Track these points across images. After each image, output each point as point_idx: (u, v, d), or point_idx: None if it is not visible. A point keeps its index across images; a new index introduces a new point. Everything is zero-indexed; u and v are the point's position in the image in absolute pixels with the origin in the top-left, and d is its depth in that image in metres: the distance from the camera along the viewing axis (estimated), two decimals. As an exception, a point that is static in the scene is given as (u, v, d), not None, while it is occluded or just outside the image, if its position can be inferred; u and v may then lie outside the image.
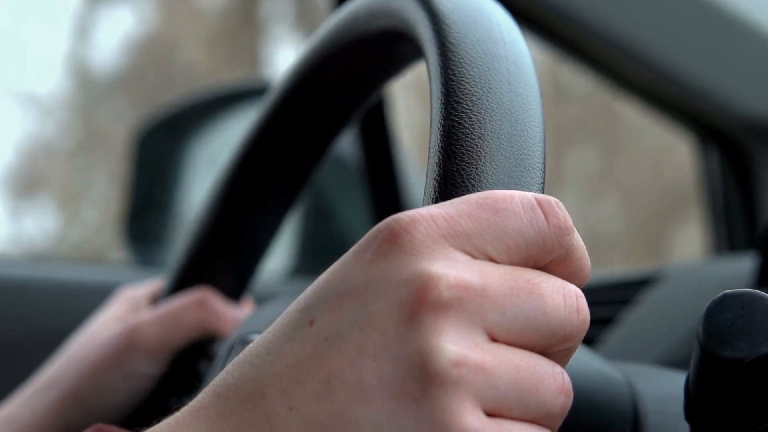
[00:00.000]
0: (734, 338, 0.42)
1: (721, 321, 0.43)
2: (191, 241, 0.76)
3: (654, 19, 1.11)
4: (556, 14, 1.08)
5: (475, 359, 0.38)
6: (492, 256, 0.40)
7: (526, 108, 0.46)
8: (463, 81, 0.47)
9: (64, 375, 0.73)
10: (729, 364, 0.42)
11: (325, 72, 0.67)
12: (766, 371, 0.42)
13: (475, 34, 0.49)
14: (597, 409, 0.55)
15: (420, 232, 0.40)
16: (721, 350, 0.42)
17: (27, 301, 1.20)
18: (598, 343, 0.84)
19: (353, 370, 0.38)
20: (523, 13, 1.08)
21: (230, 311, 0.74)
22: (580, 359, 0.56)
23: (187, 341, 0.74)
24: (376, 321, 0.39)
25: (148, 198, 1.56)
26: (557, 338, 0.40)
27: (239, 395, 0.40)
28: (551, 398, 0.40)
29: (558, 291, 0.41)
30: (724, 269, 0.86)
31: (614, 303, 0.88)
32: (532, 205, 0.41)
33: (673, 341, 0.77)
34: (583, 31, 1.09)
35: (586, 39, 1.09)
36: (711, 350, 0.43)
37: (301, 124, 0.70)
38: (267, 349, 0.40)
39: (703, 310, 0.44)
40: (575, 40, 1.10)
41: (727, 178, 1.18)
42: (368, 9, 0.60)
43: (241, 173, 0.73)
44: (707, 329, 0.43)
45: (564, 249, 0.42)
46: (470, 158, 0.44)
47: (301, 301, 0.41)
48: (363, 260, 0.40)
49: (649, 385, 0.57)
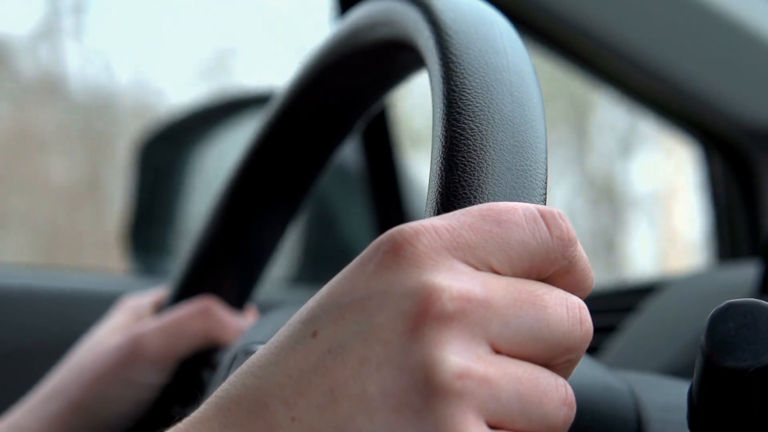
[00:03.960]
0: (737, 348, 0.42)
1: (725, 330, 0.43)
2: (194, 250, 0.76)
3: (656, 27, 1.11)
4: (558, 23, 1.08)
5: (478, 371, 0.38)
6: (495, 268, 0.40)
7: (528, 119, 0.46)
8: (464, 92, 0.47)
9: (68, 385, 0.73)
10: (732, 374, 0.42)
11: (328, 82, 0.67)
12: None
13: (477, 45, 0.49)
14: (600, 418, 0.55)
15: (423, 244, 0.40)
16: (724, 360, 0.42)
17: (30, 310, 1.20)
18: (601, 351, 0.84)
19: (356, 382, 0.38)
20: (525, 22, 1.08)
21: (233, 320, 0.74)
22: (583, 368, 0.56)
23: (191, 350, 0.74)
24: (379, 332, 0.39)
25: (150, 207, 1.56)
26: (560, 350, 0.40)
27: (242, 406, 0.40)
28: (554, 410, 0.40)
29: (561, 302, 0.41)
30: (727, 277, 0.86)
31: (617, 311, 0.88)
32: (535, 216, 0.41)
33: (676, 349, 0.77)
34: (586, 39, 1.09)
35: (588, 47, 1.09)
36: (714, 360, 0.43)
37: (303, 133, 0.70)
38: (270, 360, 0.40)
39: (706, 318, 0.44)
40: (577, 49, 1.10)
41: (729, 185, 1.18)
42: (370, 19, 0.60)
43: (243, 182, 0.73)
44: (710, 339, 0.43)
45: (567, 260, 0.42)
46: (472, 170, 0.44)
47: (304, 312, 0.41)
48: (366, 272, 0.40)
49: (652, 394, 0.57)
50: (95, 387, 0.73)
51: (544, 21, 1.08)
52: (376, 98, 0.69)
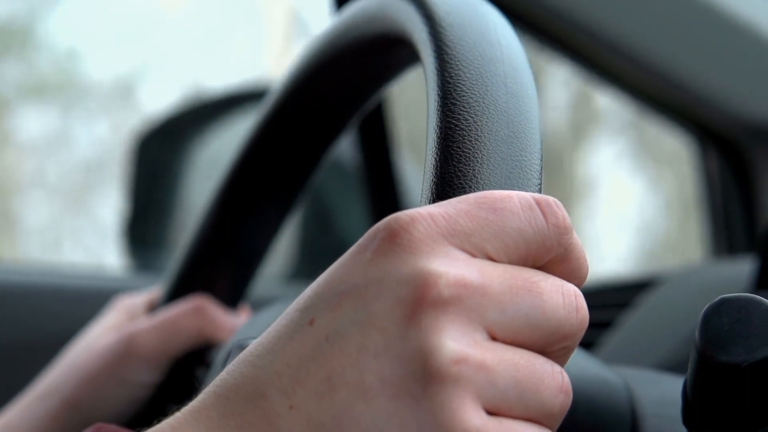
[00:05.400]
0: (731, 343, 0.42)
1: (719, 325, 0.43)
2: (188, 249, 0.76)
3: (652, 22, 1.11)
4: (552, 16, 1.08)
5: (475, 356, 0.38)
6: (491, 255, 0.40)
7: (522, 109, 0.46)
8: (459, 83, 0.47)
9: (62, 384, 0.73)
10: (726, 369, 0.42)
11: (323, 77, 0.67)
12: (763, 375, 0.42)
13: (471, 37, 0.49)
14: (595, 412, 0.55)
15: (419, 231, 0.40)
16: (718, 355, 0.42)
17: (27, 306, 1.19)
18: (597, 347, 0.84)
19: (354, 369, 0.38)
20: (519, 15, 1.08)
21: (227, 318, 0.74)
22: (578, 362, 0.56)
23: (185, 349, 0.74)
24: (376, 320, 0.39)
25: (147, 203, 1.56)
26: (556, 337, 0.40)
27: (240, 395, 0.40)
28: (551, 397, 0.40)
29: (557, 290, 0.41)
30: (723, 272, 0.86)
31: (613, 306, 0.88)
32: (531, 204, 0.41)
33: (671, 344, 0.77)
34: (581, 34, 1.09)
35: (583, 41, 1.09)
36: (708, 355, 0.43)
37: (298, 129, 0.70)
38: (267, 349, 0.40)
39: (701, 314, 0.44)
40: (572, 42, 1.10)
41: (726, 181, 1.18)
42: (364, 14, 0.60)
43: (238, 179, 0.73)
44: (704, 333, 0.43)
45: (563, 248, 0.42)
46: (467, 160, 0.44)
47: (300, 301, 0.41)
48: (363, 259, 0.40)
49: (647, 389, 0.57)
50: (89, 386, 0.73)
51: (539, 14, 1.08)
52: (371, 94, 0.69)
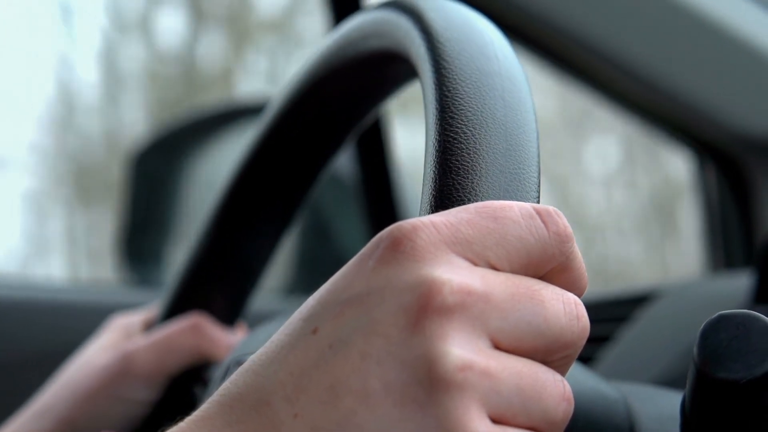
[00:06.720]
0: (729, 359, 0.42)
1: (717, 342, 0.43)
2: (185, 267, 0.76)
3: (650, 36, 1.11)
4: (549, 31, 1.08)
5: (480, 364, 0.38)
6: (493, 263, 0.41)
7: (520, 122, 0.47)
8: (457, 97, 0.47)
9: (58, 402, 0.73)
10: (724, 385, 0.42)
11: (321, 93, 0.67)
12: (761, 392, 0.42)
13: (469, 51, 0.49)
14: (594, 427, 0.55)
15: (422, 239, 0.40)
16: (716, 371, 0.42)
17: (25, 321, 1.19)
18: (595, 361, 0.84)
19: (357, 377, 0.38)
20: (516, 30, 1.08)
21: (224, 336, 0.74)
22: (577, 377, 0.56)
23: (182, 367, 0.73)
24: (379, 326, 0.39)
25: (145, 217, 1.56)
26: (558, 345, 0.40)
27: (244, 404, 0.40)
28: (554, 405, 0.40)
29: (558, 298, 0.41)
30: (721, 287, 0.86)
31: (611, 320, 0.88)
32: (531, 213, 0.42)
33: (670, 359, 0.77)
34: (578, 48, 1.09)
35: (580, 55, 1.10)
36: (706, 371, 0.43)
37: (296, 143, 0.70)
38: (271, 358, 0.40)
39: (699, 328, 0.44)
40: (569, 57, 1.10)
41: (723, 194, 1.18)
42: (362, 29, 0.60)
43: (236, 194, 0.73)
44: (703, 350, 0.43)
45: (564, 256, 0.42)
46: (466, 173, 0.44)
47: (303, 310, 0.41)
48: (366, 268, 0.40)
49: (645, 405, 0.57)
50: (86, 405, 0.72)
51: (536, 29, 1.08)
52: (369, 109, 0.69)
